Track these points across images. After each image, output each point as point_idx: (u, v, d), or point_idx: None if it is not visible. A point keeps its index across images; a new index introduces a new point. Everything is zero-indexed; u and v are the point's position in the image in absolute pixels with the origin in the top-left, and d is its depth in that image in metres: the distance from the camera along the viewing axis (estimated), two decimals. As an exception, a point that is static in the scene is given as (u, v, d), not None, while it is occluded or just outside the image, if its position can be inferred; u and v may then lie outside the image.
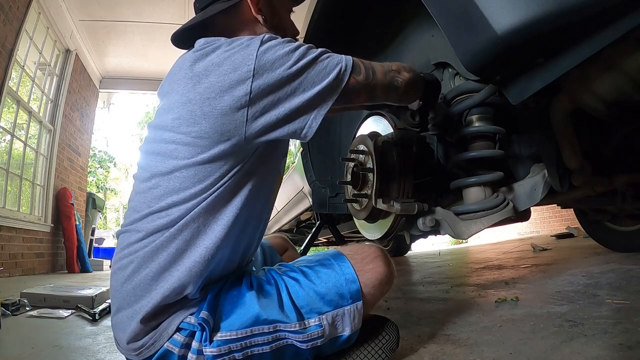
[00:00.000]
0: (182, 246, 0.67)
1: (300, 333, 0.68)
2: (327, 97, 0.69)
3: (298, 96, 0.66)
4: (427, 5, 0.80)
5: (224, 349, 0.66)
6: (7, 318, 1.52)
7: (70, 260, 4.32)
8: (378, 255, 0.78)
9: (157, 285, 0.67)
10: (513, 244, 3.92)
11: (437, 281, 1.98)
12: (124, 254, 0.70)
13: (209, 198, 0.67)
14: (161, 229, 0.67)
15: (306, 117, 0.68)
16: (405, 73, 0.82)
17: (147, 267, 0.67)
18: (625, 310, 0.93)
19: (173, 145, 0.67)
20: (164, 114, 0.69)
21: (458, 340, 0.91)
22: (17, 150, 4.24)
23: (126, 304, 0.69)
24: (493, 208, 0.95)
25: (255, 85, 0.63)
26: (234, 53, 0.65)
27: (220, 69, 0.64)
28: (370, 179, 1.07)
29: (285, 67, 0.65)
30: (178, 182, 0.67)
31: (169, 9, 4.56)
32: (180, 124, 0.65)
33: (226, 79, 0.64)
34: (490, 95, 0.93)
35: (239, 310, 0.68)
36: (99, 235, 6.73)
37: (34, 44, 3.99)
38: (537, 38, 0.65)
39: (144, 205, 0.69)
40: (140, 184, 0.72)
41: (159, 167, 0.68)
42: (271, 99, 0.65)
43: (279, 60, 0.65)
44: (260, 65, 0.64)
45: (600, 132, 1.14)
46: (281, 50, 0.66)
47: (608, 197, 1.49)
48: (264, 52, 0.65)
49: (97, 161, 12.52)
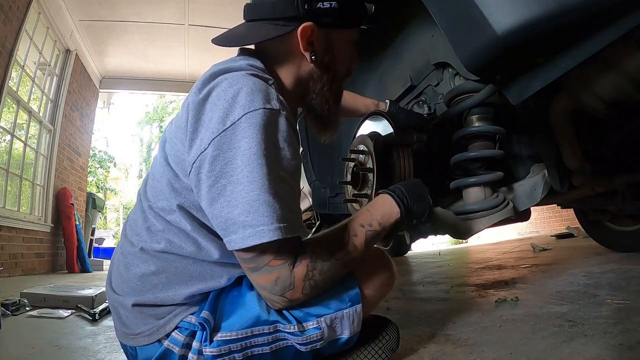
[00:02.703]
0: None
1: (299, 335, 0.68)
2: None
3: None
4: (427, 5, 0.80)
5: (224, 349, 0.66)
6: (7, 318, 1.52)
7: (70, 260, 4.32)
8: (378, 256, 0.78)
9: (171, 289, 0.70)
10: (513, 244, 3.92)
11: (437, 281, 1.98)
12: (131, 256, 0.72)
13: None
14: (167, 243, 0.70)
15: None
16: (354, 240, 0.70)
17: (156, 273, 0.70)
18: (625, 310, 0.93)
19: (177, 183, 0.70)
20: (172, 137, 0.72)
21: (458, 340, 0.91)
22: (17, 150, 4.24)
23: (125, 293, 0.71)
24: (493, 208, 0.95)
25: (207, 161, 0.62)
26: (220, 110, 0.62)
27: (212, 115, 0.63)
28: (370, 179, 1.07)
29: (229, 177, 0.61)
30: (183, 224, 0.70)
31: (169, 9, 4.56)
32: (174, 158, 0.70)
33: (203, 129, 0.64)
34: (490, 95, 0.93)
35: (239, 311, 0.68)
36: (99, 235, 6.73)
37: (34, 44, 3.99)
38: (537, 38, 0.65)
39: (161, 240, 0.71)
40: (152, 187, 0.75)
41: (172, 181, 0.72)
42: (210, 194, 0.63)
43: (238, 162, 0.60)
44: (217, 145, 0.61)
45: (600, 132, 1.14)
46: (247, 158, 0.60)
47: (608, 197, 1.49)
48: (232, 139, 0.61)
49: (97, 161, 12.52)
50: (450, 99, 1.05)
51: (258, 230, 0.58)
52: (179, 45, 5.31)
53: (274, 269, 0.62)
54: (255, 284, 0.65)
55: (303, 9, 0.68)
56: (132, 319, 0.70)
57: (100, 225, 10.75)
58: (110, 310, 0.75)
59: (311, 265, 0.64)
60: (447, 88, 1.13)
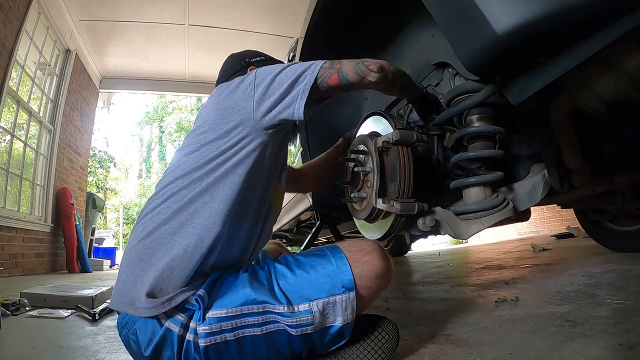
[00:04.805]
0: (199, 207, 0.78)
1: (289, 316, 0.70)
2: (305, 82, 0.83)
3: (284, 84, 0.83)
4: (427, 5, 0.80)
5: (215, 327, 0.69)
6: (7, 318, 1.52)
7: (70, 260, 4.32)
8: (374, 248, 0.80)
9: (175, 240, 0.75)
10: (513, 244, 3.92)
11: (437, 281, 1.98)
12: (148, 218, 0.79)
13: (222, 164, 0.80)
14: (182, 189, 0.79)
15: (293, 97, 0.83)
16: (381, 61, 0.89)
17: (167, 223, 0.76)
18: (625, 310, 0.93)
19: (204, 134, 0.84)
20: (199, 120, 0.89)
21: (458, 340, 0.91)
22: (17, 150, 4.24)
23: (139, 258, 0.74)
24: (493, 208, 0.95)
25: (257, 83, 0.85)
26: (246, 75, 0.90)
27: (238, 82, 0.88)
28: (370, 179, 1.07)
29: (274, 72, 0.86)
30: (202, 154, 0.82)
31: (169, 9, 4.57)
32: (209, 117, 0.86)
33: (241, 86, 0.87)
34: (490, 95, 0.93)
35: (231, 291, 0.73)
36: (99, 235, 6.72)
37: (34, 44, 3.99)
38: (537, 38, 0.65)
39: (171, 177, 0.82)
40: (169, 169, 0.85)
41: (189, 150, 0.84)
42: (269, 91, 0.84)
43: (269, 69, 0.87)
44: (259, 73, 0.87)
45: (600, 132, 1.14)
46: (274, 65, 0.89)
47: (608, 197, 1.49)
48: (262, 69, 0.89)
49: (97, 161, 12.51)
50: (450, 99, 1.04)
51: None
52: (179, 45, 5.31)
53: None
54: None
55: (244, 62, 1.07)
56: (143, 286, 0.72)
57: (100, 225, 10.75)
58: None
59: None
60: (447, 88, 1.13)
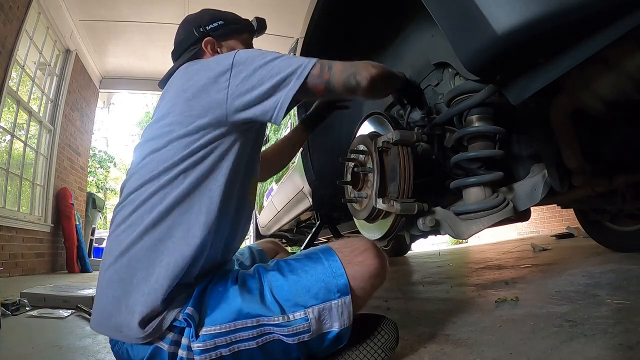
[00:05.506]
0: (176, 218, 0.72)
1: (284, 326, 0.68)
2: (289, 88, 0.76)
3: (265, 84, 0.75)
4: (427, 5, 0.80)
5: (210, 343, 0.67)
6: (7, 318, 1.52)
7: (70, 260, 4.32)
8: (367, 247, 0.77)
9: (155, 258, 0.69)
10: (513, 244, 3.92)
11: (437, 281, 1.98)
12: (121, 230, 0.72)
13: (195, 166, 0.74)
14: (152, 195, 0.72)
15: (272, 104, 0.76)
16: (372, 69, 0.83)
17: (143, 238, 0.70)
18: (625, 310, 0.93)
19: (169, 127, 0.76)
20: (161, 109, 0.80)
21: (458, 340, 0.91)
22: (17, 150, 4.24)
23: (119, 278, 0.69)
24: (493, 208, 0.95)
25: (233, 73, 0.76)
26: (219, 57, 0.81)
27: (208, 66, 0.79)
28: (370, 179, 1.07)
29: (255, 63, 0.77)
30: (170, 153, 0.74)
31: (169, 9, 4.56)
32: (175, 107, 0.77)
33: (212, 72, 0.77)
34: (490, 95, 0.93)
35: (222, 305, 0.70)
36: (99, 235, 6.71)
37: (34, 44, 3.99)
38: (537, 38, 0.65)
39: (138, 180, 0.74)
40: (133, 168, 0.78)
41: (154, 146, 0.76)
42: (246, 86, 0.76)
43: (249, 57, 0.78)
44: (237, 61, 0.77)
45: (600, 132, 1.14)
46: (254, 52, 0.80)
47: (608, 197, 1.49)
48: (241, 54, 0.79)
49: (97, 161, 12.52)
50: (450, 99, 1.04)
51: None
52: (179, 45, 5.30)
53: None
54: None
55: (199, 32, 0.98)
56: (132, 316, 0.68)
57: (100, 225, 10.73)
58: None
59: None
60: (447, 88, 1.13)
